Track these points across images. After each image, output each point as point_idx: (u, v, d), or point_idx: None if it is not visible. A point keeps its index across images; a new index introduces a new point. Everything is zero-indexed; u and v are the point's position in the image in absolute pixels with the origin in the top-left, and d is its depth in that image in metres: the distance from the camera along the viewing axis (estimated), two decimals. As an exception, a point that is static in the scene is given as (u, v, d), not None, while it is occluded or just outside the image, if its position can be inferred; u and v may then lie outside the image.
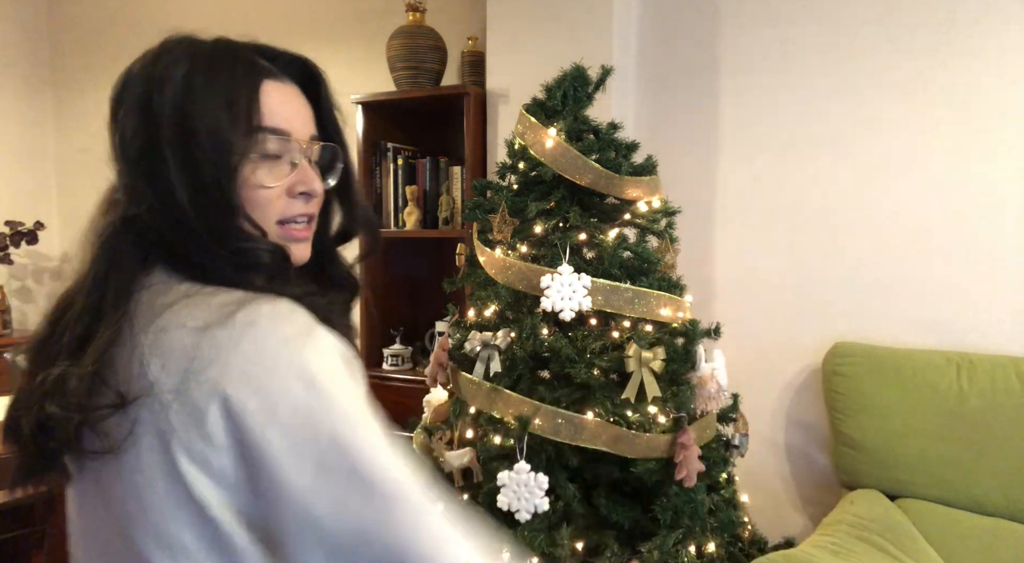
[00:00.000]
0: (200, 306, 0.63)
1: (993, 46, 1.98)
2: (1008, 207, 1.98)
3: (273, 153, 0.72)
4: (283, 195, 0.73)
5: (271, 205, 0.72)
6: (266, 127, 0.70)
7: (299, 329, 0.63)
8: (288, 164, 0.73)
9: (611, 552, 1.53)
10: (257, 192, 0.71)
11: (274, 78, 0.73)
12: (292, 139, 0.73)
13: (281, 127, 0.72)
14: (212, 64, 0.69)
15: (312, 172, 0.75)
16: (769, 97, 2.25)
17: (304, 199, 0.74)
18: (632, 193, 1.71)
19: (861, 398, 1.97)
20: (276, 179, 0.72)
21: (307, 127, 0.75)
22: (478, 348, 1.64)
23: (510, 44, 2.38)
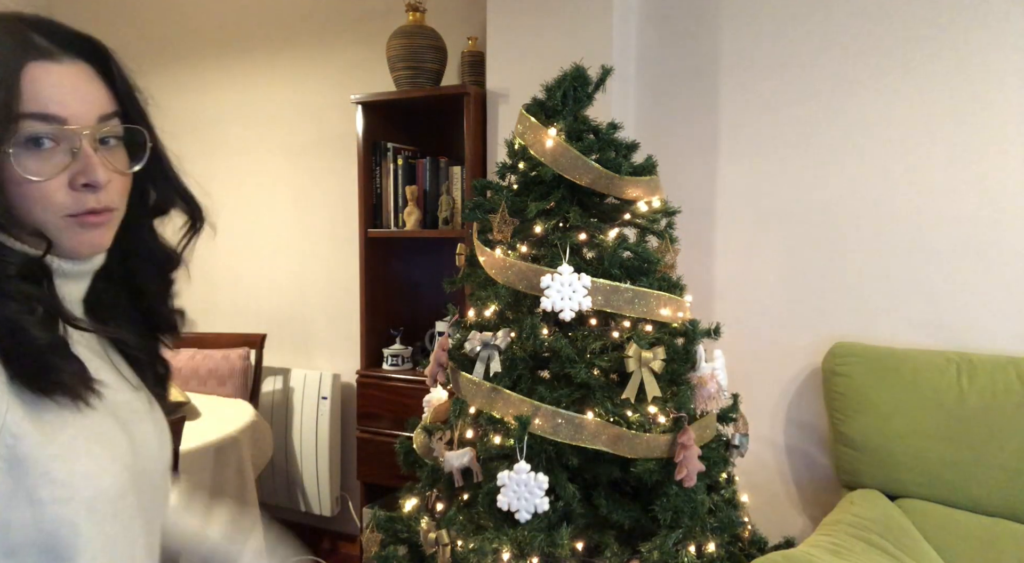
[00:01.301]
0: None
1: (993, 46, 1.98)
2: (1008, 207, 1.98)
3: (40, 141, 0.66)
4: (65, 188, 0.67)
5: (50, 200, 0.67)
6: (28, 112, 0.64)
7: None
8: (67, 153, 0.67)
9: (611, 552, 1.53)
10: (28, 187, 0.65)
11: (46, 58, 0.67)
12: (68, 125, 0.66)
13: (50, 112, 0.66)
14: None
15: (95, 160, 0.68)
16: (769, 97, 2.26)
17: (90, 191, 0.68)
18: (632, 193, 1.71)
19: (861, 398, 1.97)
20: (49, 171, 0.66)
21: (94, 109, 0.69)
22: (478, 348, 1.64)
23: (510, 44, 2.38)
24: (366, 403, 2.64)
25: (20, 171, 0.64)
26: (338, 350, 3.08)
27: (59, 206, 0.67)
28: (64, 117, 0.66)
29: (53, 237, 0.69)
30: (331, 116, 3.01)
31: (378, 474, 2.64)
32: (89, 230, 0.70)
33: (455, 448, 1.70)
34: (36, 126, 0.65)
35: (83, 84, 0.69)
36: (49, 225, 0.68)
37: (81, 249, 0.71)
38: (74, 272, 0.74)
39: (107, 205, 0.70)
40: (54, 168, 0.66)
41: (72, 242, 0.70)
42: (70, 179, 0.67)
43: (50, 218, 0.67)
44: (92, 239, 0.71)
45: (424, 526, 1.69)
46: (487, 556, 1.51)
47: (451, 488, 1.70)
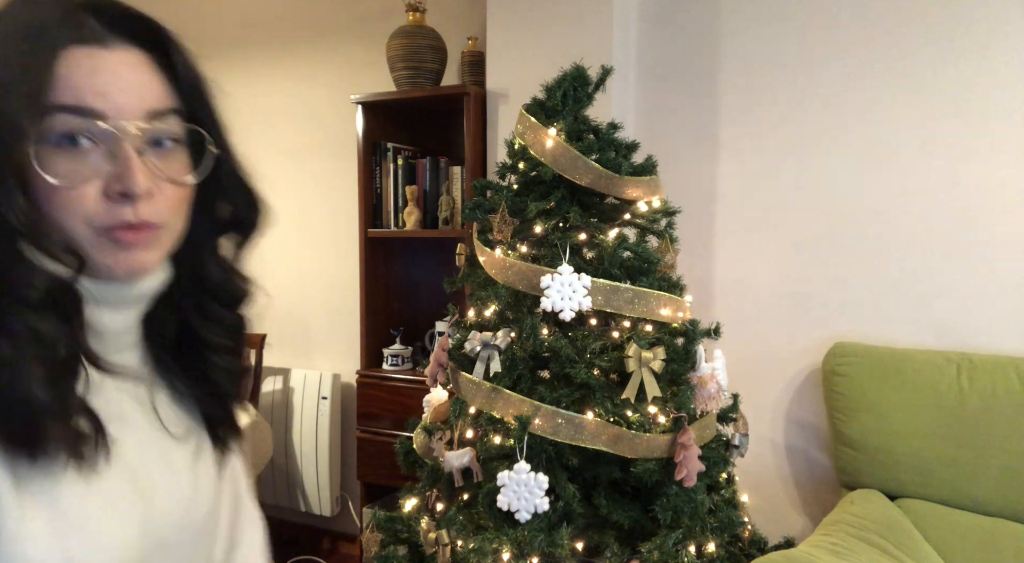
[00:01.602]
0: None
1: (994, 46, 1.98)
2: (1008, 207, 1.98)
3: (76, 139, 0.55)
4: (98, 195, 0.56)
5: (79, 209, 0.56)
6: (60, 104, 0.54)
7: None
8: (105, 155, 0.56)
9: (611, 552, 1.53)
10: (56, 192, 0.55)
11: (91, 42, 0.56)
12: (106, 119, 0.56)
13: (86, 103, 0.55)
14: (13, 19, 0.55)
15: (135, 164, 0.56)
16: (769, 97, 2.25)
17: (127, 202, 0.57)
18: (632, 193, 1.71)
19: (861, 398, 1.97)
20: (81, 175, 0.56)
21: (142, 103, 0.58)
22: (478, 348, 1.64)
23: (510, 44, 2.38)
24: (366, 403, 2.64)
25: (43, 173, 0.54)
26: (338, 350, 3.08)
27: (89, 216, 0.56)
28: (102, 110, 0.56)
29: (85, 254, 0.57)
30: (331, 116, 3.01)
31: (378, 474, 2.64)
32: (125, 249, 0.58)
33: (455, 448, 1.70)
34: (69, 121, 0.55)
35: (131, 73, 0.58)
36: (80, 239, 0.57)
37: (116, 270, 0.59)
38: (114, 298, 0.61)
39: (147, 219, 0.58)
40: (88, 172, 0.56)
41: (106, 261, 0.58)
42: (105, 185, 0.56)
43: (80, 230, 0.56)
44: (130, 260, 0.59)
45: (424, 526, 1.69)
46: (487, 556, 1.51)
47: (451, 488, 1.70)
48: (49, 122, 0.54)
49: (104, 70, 0.57)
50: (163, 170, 0.60)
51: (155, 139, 0.59)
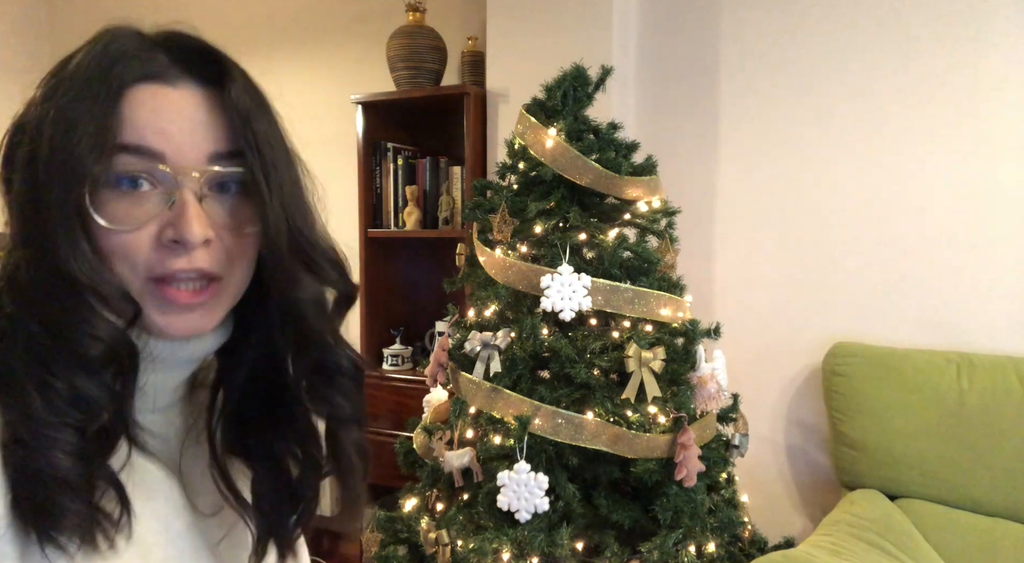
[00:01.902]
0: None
1: (994, 47, 1.98)
2: (1008, 207, 1.98)
3: (134, 180, 0.52)
4: (153, 242, 0.53)
5: (133, 255, 0.52)
6: (124, 144, 0.51)
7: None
8: (163, 199, 0.53)
9: (611, 552, 1.53)
10: (110, 237, 0.52)
11: (156, 80, 0.54)
12: (165, 163, 0.53)
13: (147, 144, 0.52)
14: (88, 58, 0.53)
15: (192, 210, 0.53)
16: (769, 97, 2.25)
17: (181, 250, 0.53)
18: (632, 193, 1.71)
19: (861, 398, 1.97)
20: (137, 218, 0.52)
21: (204, 145, 0.54)
22: (478, 348, 1.64)
23: (510, 44, 2.38)
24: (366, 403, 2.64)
25: (97, 216, 0.51)
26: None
27: (142, 265, 0.53)
28: (162, 152, 0.53)
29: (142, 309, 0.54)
30: (331, 116, 3.01)
31: (378, 474, 2.64)
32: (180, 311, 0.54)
33: (455, 448, 1.70)
34: (128, 161, 0.52)
35: (193, 112, 0.55)
36: (132, 291, 0.53)
37: (167, 331, 0.55)
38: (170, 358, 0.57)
39: (200, 268, 0.54)
40: (143, 216, 0.52)
41: (156, 320, 0.54)
42: (159, 232, 0.53)
43: (132, 281, 0.53)
44: (186, 322, 0.55)
45: (424, 526, 1.69)
46: (487, 556, 1.51)
47: (451, 488, 1.70)
48: (109, 163, 0.51)
49: (168, 109, 0.54)
50: (223, 217, 0.56)
51: (220, 182, 0.56)
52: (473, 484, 1.64)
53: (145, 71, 0.54)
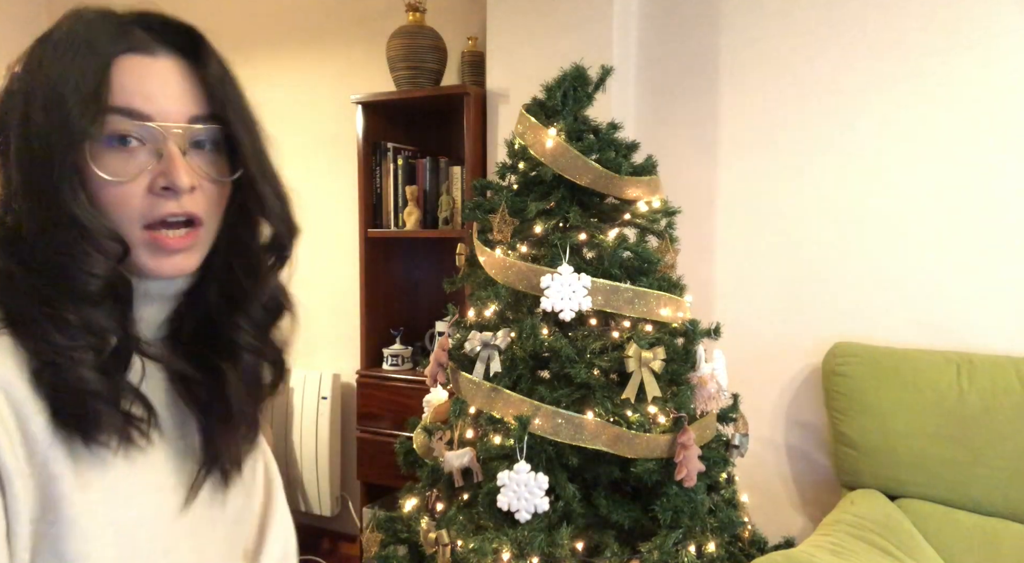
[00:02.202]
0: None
1: (994, 47, 1.98)
2: (1008, 207, 1.98)
3: (124, 138, 0.61)
4: (144, 192, 0.62)
5: (128, 204, 0.61)
6: (113, 106, 0.60)
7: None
8: (151, 154, 0.62)
9: (611, 552, 1.53)
10: (107, 188, 0.61)
11: (139, 51, 0.63)
12: (154, 121, 0.61)
13: (135, 106, 0.61)
14: (68, 34, 0.61)
15: (179, 162, 0.62)
16: (769, 97, 2.25)
17: (171, 195, 0.62)
18: (632, 193, 1.71)
19: (861, 398, 1.97)
20: (129, 171, 0.61)
21: (185, 108, 0.64)
22: (478, 348, 1.64)
23: (510, 44, 2.38)
24: (366, 403, 2.64)
25: (97, 170, 0.60)
26: (338, 350, 3.08)
27: (136, 212, 0.62)
28: (149, 113, 0.61)
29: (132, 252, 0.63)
30: (331, 116, 3.01)
31: (378, 474, 2.64)
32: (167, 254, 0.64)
33: (455, 448, 1.70)
34: (120, 121, 0.60)
35: (175, 80, 0.64)
36: (128, 237, 0.62)
37: (159, 272, 0.65)
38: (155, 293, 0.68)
39: (188, 210, 0.63)
40: (135, 169, 0.61)
41: (150, 263, 0.64)
42: (150, 182, 0.62)
43: (126, 228, 0.62)
44: (173, 264, 0.65)
45: (424, 526, 1.69)
46: (487, 556, 1.51)
47: (451, 488, 1.70)
48: (103, 123, 0.60)
49: (152, 77, 0.63)
50: (204, 169, 0.65)
51: (196, 141, 0.65)
52: (473, 484, 1.64)
53: (129, 44, 0.62)
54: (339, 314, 3.07)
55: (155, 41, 0.64)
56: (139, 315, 0.67)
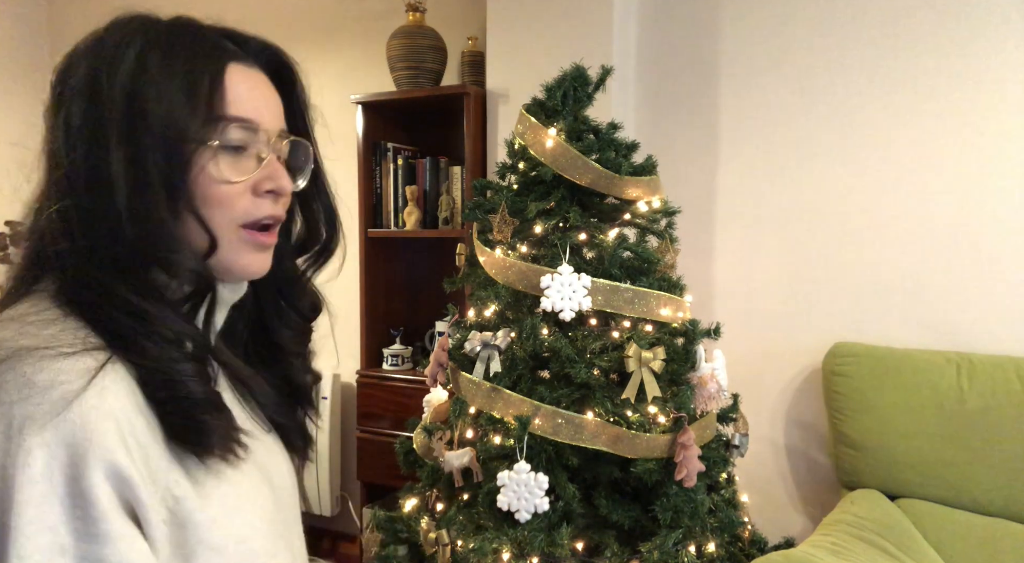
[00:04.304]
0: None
1: (994, 47, 1.98)
2: (1008, 207, 1.98)
3: (237, 144, 0.64)
4: (247, 193, 0.65)
5: (233, 204, 0.64)
6: (231, 115, 0.63)
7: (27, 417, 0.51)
8: (254, 159, 0.65)
9: (611, 552, 1.53)
10: (217, 188, 0.63)
11: (242, 62, 0.66)
12: (260, 130, 0.65)
13: (248, 116, 0.64)
14: (171, 41, 0.62)
15: (281, 168, 0.67)
16: (769, 97, 2.25)
17: (272, 198, 0.66)
18: (632, 193, 1.70)
19: (861, 398, 1.97)
20: (240, 174, 0.64)
21: (277, 120, 0.68)
22: (478, 348, 1.64)
23: (510, 44, 2.38)
24: (366, 403, 2.64)
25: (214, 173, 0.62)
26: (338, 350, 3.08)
27: (239, 211, 0.64)
28: (257, 123, 0.65)
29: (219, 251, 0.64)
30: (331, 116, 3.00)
31: (378, 474, 2.64)
32: (258, 250, 0.67)
33: (455, 448, 1.70)
34: (238, 131, 0.63)
35: (270, 93, 0.68)
36: (222, 236, 0.64)
37: (248, 269, 0.67)
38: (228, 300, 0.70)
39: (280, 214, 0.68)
40: (243, 172, 0.64)
41: (239, 261, 0.66)
42: (255, 185, 0.65)
43: (226, 228, 0.64)
44: (260, 261, 0.68)
45: (424, 526, 1.69)
46: (487, 556, 1.51)
47: (451, 488, 1.70)
48: (222, 131, 0.62)
49: (259, 87, 0.66)
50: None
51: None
52: (473, 484, 1.64)
53: (232, 54, 0.65)
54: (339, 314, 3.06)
55: (245, 53, 0.67)
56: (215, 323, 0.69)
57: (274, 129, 0.67)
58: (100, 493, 0.51)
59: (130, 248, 0.58)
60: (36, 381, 0.52)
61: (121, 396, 0.54)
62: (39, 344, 0.54)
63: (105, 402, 0.53)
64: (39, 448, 0.50)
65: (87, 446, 0.51)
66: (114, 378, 0.55)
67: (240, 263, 0.66)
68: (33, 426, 0.50)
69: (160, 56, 0.60)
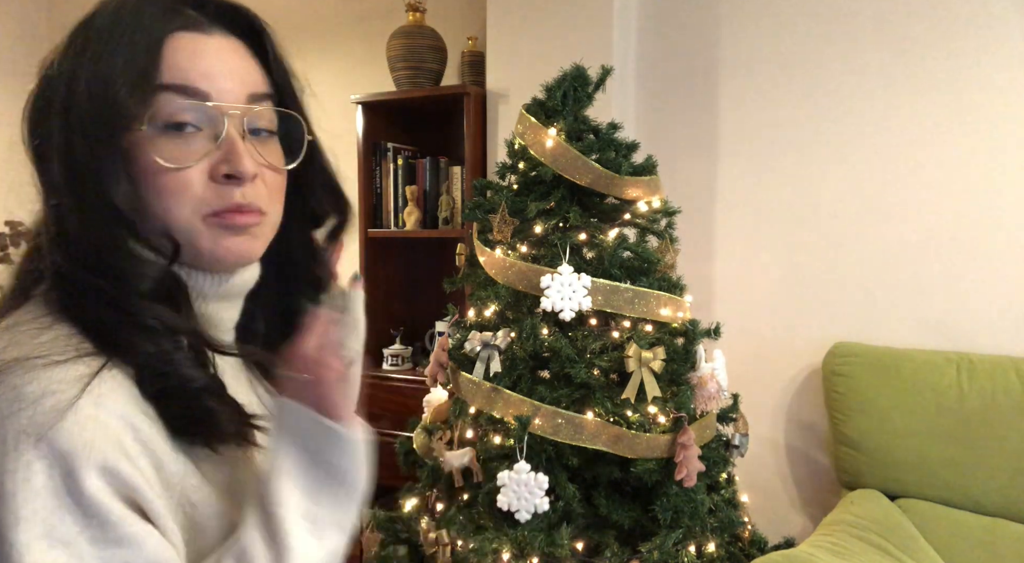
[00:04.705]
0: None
1: (994, 47, 1.98)
2: (1008, 207, 1.98)
3: (178, 121, 0.56)
4: (204, 179, 0.57)
5: (186, 193, 0.56)
6: (167, 83, 0.55)
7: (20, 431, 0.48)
8: (209, 139, 0.57)
9: (611, 552, 1.53)
10: (163, 176, 0.55)
11: (194, 29, 0.58)
12: (211, 102, 0.56)
13: (191, 83, 0.56)
14: (114, 15, 0.56)
15: (241, 147, 0.57)
16: (769, 97, 2.25)
17: (235, 184, 0.57)
18: (632, 193, 1.70)
19: (861, 398, 1.97)
20: (187, 157, 0.56)
21: (243, 88, 0.59)
22: (478, 348, 1.64)
23: (510, 44, 2.38)
24: (366, 403, 2.63)
25: (154, 156, 0.54)
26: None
27: (197, 201, 0.56)
28: (207, 92, 0.56)
29: (188, 242, 0.57)
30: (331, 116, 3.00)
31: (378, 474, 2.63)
32: (234, 234, 0.58)
33: (455, 448, 1.70)
34: (175, 101, 0.55)
35: (233, 58, 0.59)
36: (184, 226, 0.57)
37: (225, 256, 0.59)
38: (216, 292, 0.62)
39: (253, 203, 0.59)
40: (193, 155, 0.56)
41: (213, 248, 0.58)
42: (211, 169, 0.57)
43: (186, 216, 0.56)
44: (238, 246, 0.59)
45: (424, 526, 1.69)
46: (487, 556, 1.51)
47: (451, 488, 1.70)
48: (156, 104, 0.55)
49: (207, 54, 0.58)
50: (263, 156, 0.60)
51: (253, 127, 0.60)
52: (473, 484, 1.64)
53: (181, 22, 0.58)
54: (339, 314, 3.06)
55: (209, 20, 0.60)
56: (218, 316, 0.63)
57: (235, 99, 0.58)
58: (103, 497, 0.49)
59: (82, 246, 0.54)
60: (26, 393, 0.49)
61: (119, 401, 0.52)
62: (30, 354, 0.51)
63: (102, 409, 0.51)
64: (38, 461, 0.48)
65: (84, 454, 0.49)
66: (111, 384, 0.52)
67: (211, 252, 0.58)
68: (28, 440, 0.48)
69: (100, 30, 0.56)
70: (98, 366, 0.52)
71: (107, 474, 0.50)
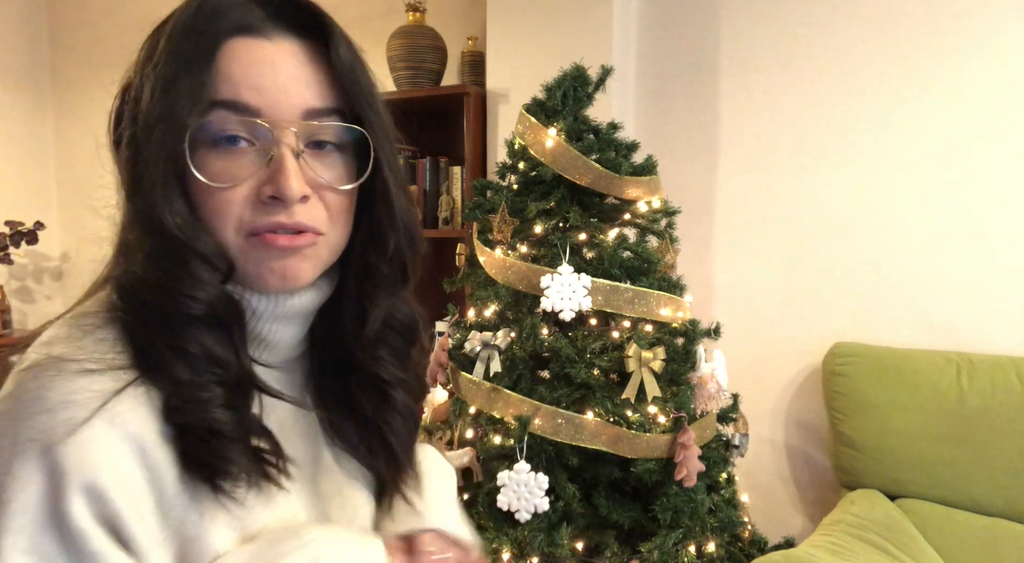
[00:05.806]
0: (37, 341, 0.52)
1: (994, 47, 1.98)
2: (1008, 207, 1.98)
3: (232, 138, 0.53)
4: (247, 200, 0.53)
5: (228, 213, 0.53)
6: (219, 100, 0.52)
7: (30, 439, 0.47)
8: (261, 155, 0.53)
9: (611, 552, 1.53)
10: (209, 194, 0.52)
11: (251, 33, 0.54)
12: (261, 118, 0.53)
13: (240, 99, 0.52)
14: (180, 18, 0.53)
15: (289, 167, 0.53)
16: (769, 97, 2.25)
17: (279, 205, 0.53)
18: (632, 193, 1.71)
19: (861, 398, 1.97)
20: (233, 176, 0.52)
21: (300, 100, 0.54)
22: (478, 348, 1.64)
23: (510, 44, 2.38)
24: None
25: (197, 174, 0.51)
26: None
27: (239, 221, 0.53)
28: (258, 108, 0.52)
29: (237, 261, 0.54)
30: (331, 116, 3.01)
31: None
32: (280, 255, 0.54)
33: (455, 448, 1.70)
34: (224, 117, 0.52)
35: (290, 66, 0.54)
36: (230, 246, 0.54)
37: (268, 279, 0.55)
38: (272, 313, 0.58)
39: (299, 222, 0.54)
40: (240, 173, 0.53)
41: (256, 270, 0.55)
42: (256, 189, 0.53)
43: (230, 237, 0.53)
44: (283, 268, 0.55)
45: (424, 526, 1.69)
46: (487, 556, 1.51)
47: (451, 488, 1.70)
48: (207, 117, 0.52)
49: (263, 63, 0.53)
50: (321, 174, 0.55)
51: (315, 141, 0.56)
52: (473, 484, 1.64)
53: (240, 23, 0.53)
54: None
55: (273, 21, 0.55)
56: (275, 337, 0.59)
57: (289, 114, 0.53)
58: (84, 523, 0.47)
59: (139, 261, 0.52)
60: (49, 397, 0.48)
61: (135, 421, 0.50)
62: (68, 355, 0.50)
63: (113, 429, 0.48)
64: (39, 472, 0.47)
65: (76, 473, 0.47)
66: (132, 403, 0.50)
67: (254, 275, 0.55)
68: (35, 447, 0.47)
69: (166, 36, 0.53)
70: (126, 381, 0.50)
71: (92, 497, 0.47)
